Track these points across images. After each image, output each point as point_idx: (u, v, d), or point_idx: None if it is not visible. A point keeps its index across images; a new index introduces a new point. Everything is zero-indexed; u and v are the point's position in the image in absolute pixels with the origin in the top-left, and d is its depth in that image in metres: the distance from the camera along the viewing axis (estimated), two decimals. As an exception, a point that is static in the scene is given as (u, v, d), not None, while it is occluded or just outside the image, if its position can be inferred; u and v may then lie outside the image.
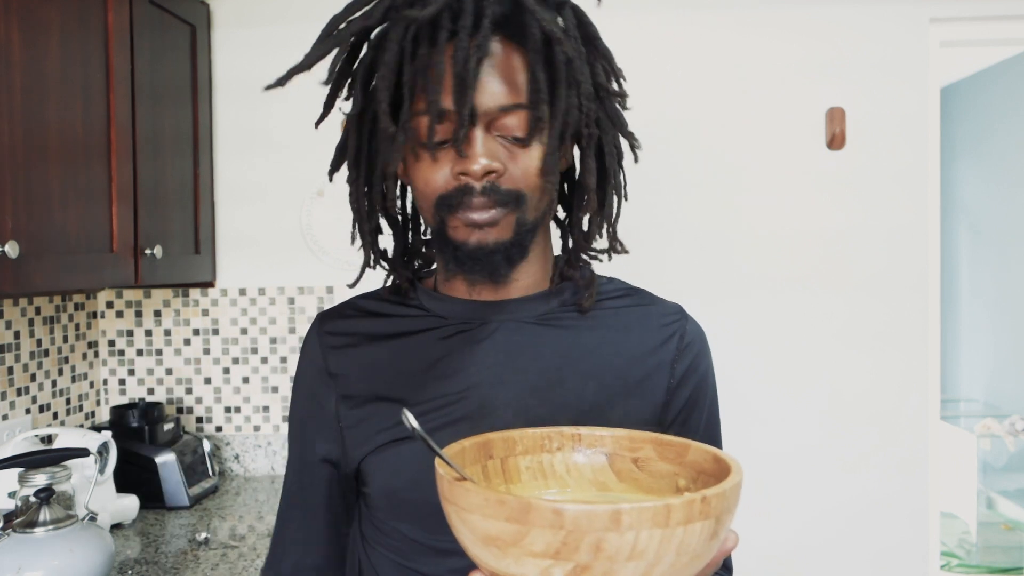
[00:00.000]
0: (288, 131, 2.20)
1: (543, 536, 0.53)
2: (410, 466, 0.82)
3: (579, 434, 0.73)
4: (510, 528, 0.54)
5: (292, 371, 2.23)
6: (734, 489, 0.58)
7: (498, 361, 0.84)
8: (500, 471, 0.70)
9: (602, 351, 0.85)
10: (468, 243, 0.79)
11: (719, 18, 2.14)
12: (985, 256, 4.15)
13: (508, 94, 0.77)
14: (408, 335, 0.88)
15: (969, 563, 3.76)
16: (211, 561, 1.58)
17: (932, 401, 2.16)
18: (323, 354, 0.90)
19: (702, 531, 0.55)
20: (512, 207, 0.78)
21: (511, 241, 0.80)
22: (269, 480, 2.18)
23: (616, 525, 0.52)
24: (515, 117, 0.77)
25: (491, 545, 0.55)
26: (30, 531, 1.35)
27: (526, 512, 0.53)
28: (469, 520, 0.56)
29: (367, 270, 0.95)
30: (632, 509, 0.52)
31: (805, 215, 2.15)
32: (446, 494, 0.59)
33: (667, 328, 0.88)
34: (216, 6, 2.20)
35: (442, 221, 0.80)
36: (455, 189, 0.78)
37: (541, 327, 0.86)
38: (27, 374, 1.95)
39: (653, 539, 0.53)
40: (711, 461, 0.66)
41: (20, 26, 1.44)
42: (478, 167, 0.76)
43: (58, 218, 1.53)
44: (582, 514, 0.52)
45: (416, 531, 0.83)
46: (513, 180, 0.78)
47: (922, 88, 2.12)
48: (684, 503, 0.53)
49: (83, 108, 1.61)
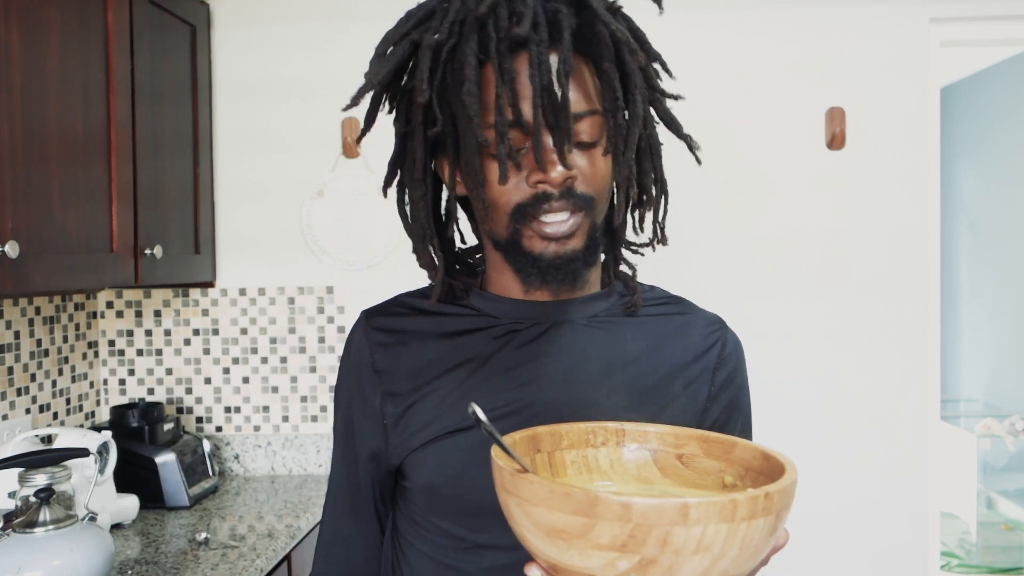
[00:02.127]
0: (288, 131, 2.20)
1: (610, 529, 0.53)
2: (453, 463, 0.83)
3: (623, 430, 0.74)
4: (576, 521, 0.54)
5: (292, 371, 2.23)
6: (792, 486, 0.58)
7: (547, 363, 0.85)
8: (547, 464, 0.71)
9: (646, 357, 0.87)
10: (545, 255, 0.81)
11: (719, 18, 2.14)
12: (985, 256, 4.15)
13: (582, 101, 0.79)
14: (458, 335, 0.89)
15: (969, 563, 3.76)
16: (211, 561, 1.58)
17: (932, 401, 2.16)
18: (370, 351, 0.91)
19: (763, 526, 0.55)
20: (586, 212, 0.80)
21: (585, 247, 0.82)
22: (269, 480, 2.18)
23: (684, 519, 0.52)
24: (586, 123, 0.79)
25: (555, 537, 0.56)
26: (30, 531, 1.34)
27: (594, 505, 0.53)
28: (533, 512, 0.57)
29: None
30: (700, 503, 0.53)
31: (805, 215, 2.15)
32: (508, 486, 0.59)
33: (710, 337, 0.90)
34: (216, 6, 2.20)
35: (517, 231, 0.81)
36: (532, 197, 0.79)
37: (590, 330, 0.87)
38: (27, 374, 1.95)
39: (719, 533, 0.53)
40: (759, 458, 0.67)
41: (20, 26, 1.44)
42: (557, 174, 0.78)
43: (58, 218, 1.53)
44: (651, 508, 0.52)
45: (454, 527, 0.85)
46: (586, 185, 0.80)
47: (922, 88, 2.12)
48: (749, 499, 0.54)
49: (83, 108, 1.61)
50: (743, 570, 0.57)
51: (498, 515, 0.82)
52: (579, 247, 0.81)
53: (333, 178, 2.20)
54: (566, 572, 0.57)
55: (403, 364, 0.89)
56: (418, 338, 0.90)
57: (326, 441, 2.22)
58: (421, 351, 0.89)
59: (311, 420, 2.24)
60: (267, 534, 1.73)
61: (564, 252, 0.81)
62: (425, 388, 0.87)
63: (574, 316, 0.87)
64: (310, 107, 2.19)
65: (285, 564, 1.74)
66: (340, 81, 2.17)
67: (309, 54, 2.19)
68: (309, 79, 2.18)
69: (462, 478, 0.82)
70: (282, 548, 1.70)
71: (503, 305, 0.88)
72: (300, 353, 2.23)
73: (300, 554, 1.81)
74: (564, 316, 0.87)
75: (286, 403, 2.24)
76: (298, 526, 1.79)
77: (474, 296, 0.91)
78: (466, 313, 0.90)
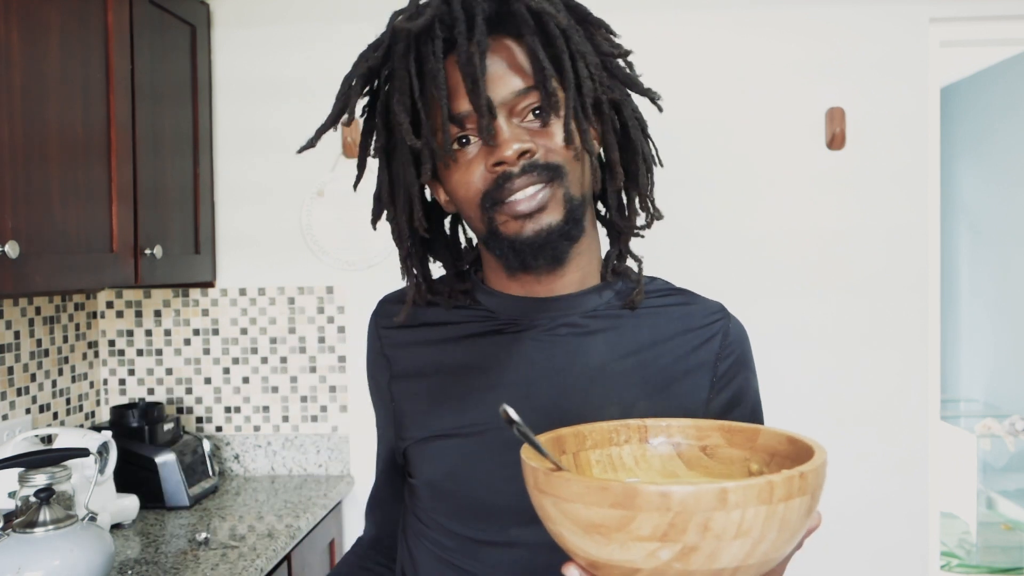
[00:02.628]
0: (288, 131, 2.20)
1: (650, 519, 0.53)
2: (454, 460, 0.85)
3: (645, 426, 0.74)
4: (615, 514, 0.54)
5: (292, 371, 2.24)
6: (823, 466, 0.59)
7: (544, 358, 0.86)
8: (573, 466, 0.71)
9: (647, 349, 0.87)
10: (523, 234, 0.80)
11: (719, 18, 2.14)
12: (985, 256, 4.15)
13: (518, 79, 0.80)
14: (458, 325, 0.90)
15: (969, 563, 3.76)
16: (211, 561, 1.58)
17: (932, 401, 2.16)
18: (378, 335, 0.95)
19: (800, 507, 0.56)
20: (556, 180, 0.80)
21: (564, 219, 0.81)
22: (269, 480, 2.18)
23: (723, 504, 0.53)
24: (531, 98, 0.80)
25: (595, 533, 0.56)
26: (30, 531, 1.34)
27: (632, 497, 0.53)
28: (570, 510, 0.57)
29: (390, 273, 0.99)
30: (738, 487, 0.53)
31: (805, 215, 2.15)
32: (542, 485, 0.59)
33: (710, 327, 0.90)
34: (216, 6, 2.20)
35: (491, 220, 0.81)
36: (494, 181, 0.79)
37: (589, 324, 0.87)
38: (27, 374, 1.95)
39: (759, 516, 0.54)
40: (785, 443, 0.67)
41: (20, 26, 1.44)
42: (511, 152, 0.78)
43: (58, 218, 1.53)
44: (689, 495, 0.53)
45: (456, 525, 0.86)
46: (550, 155, 0.80)
47: (922, 88, 2.12)
48: (785, 479, 0.54)
49: (83, 108, 1.62)
50: (781, 552, 0.57)
51: (499, 514, 0.83)
52: (556, 220, 0.80)
53: (333, 178, 2.20)
54: (606, 568, 0.57)
55: (407, 349, 0.92)
56: (422, 326, 0.92)
57: (326, 441, 2.22)
58: (423, 340, 0.91)
59: (311, 420, 2.24)
60: (267, 534, 1.74)
61: (540, 228, 0.80)
62: (425, 375, 0.90)
63: (571, 311, 0.87)
64: (310, 107, 2.18)
65: (285, 564, 1.74)
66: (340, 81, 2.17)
67: (309, 54, 2.19)
68: (309, 79, 2.18)
69: (462, 476, 0.84)
70: (282, 548, 1.70)
71: (501, 300, 0.89)
72: (300, 353, 2.23)
73: (300, 554, 1.81)
74: (561, 311, 0.87)
75: (286, 403, 2.24)
76: (298, 526, 1.80)
77: (477, 290, 0.92)
78: (471, 306, 0.91)
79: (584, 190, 0.84)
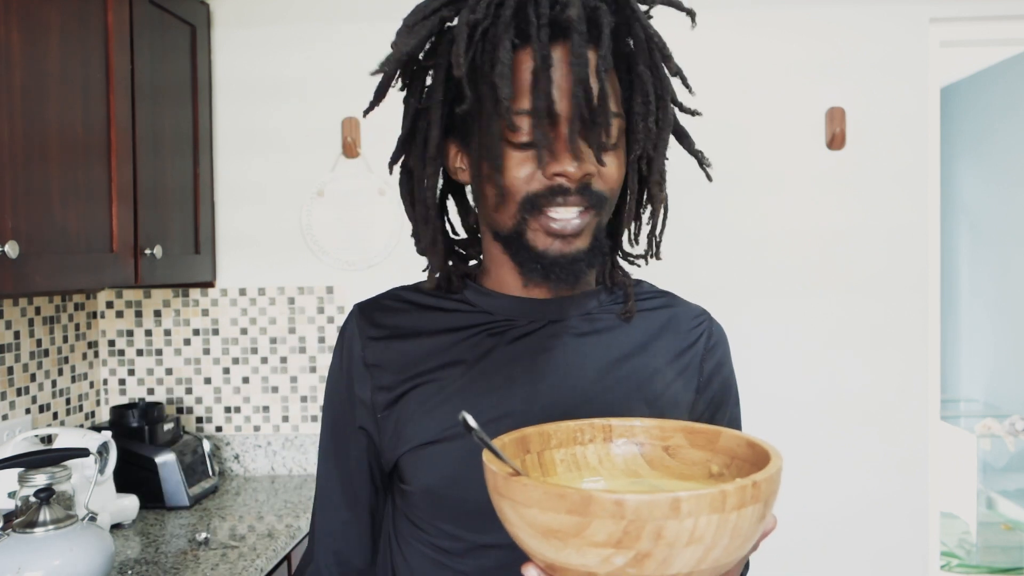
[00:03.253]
0: (288, 131, 2.20)
1: (604, 526, 0.54)
2: (451, 465, 0.83)
3: (610, 425, 0.75)
4: (571, 520, 0.55)
5: (292, 371, 2.23)
6: (778, 474, 0.60)
7: (542, 362, 0.85)
8: (537, 464, 0.72)
9: (638, 353, 0.87)
10: (548, 252, 0.80)
11: (719, 18, 2.14)
12: (985, 256, 4.15)
13: (611, 102, 0.79)
14: (452, 331, 0.88)
15: (969, 563, 3.76)
16: (211, 561, 1.58)
17: (932, 401, 2.16)
18: (362, 344, 0.89)
19: (752, 514, 0.57)
20: (597, 209, 0.80)
21: (590, 248, 0.81)
22: (269, 480, 2.18)
23: (676, 513, 0.54)
24: (612, 127, 0.80)
25: (551, 538, 0.57)
26: (30, 531, 1.35)
27: (587, 504, 0.55)
28: (527, 514, 0.58)
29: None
30: (690, 496, 0.54)
31: (805, 215, 2.15)
32: (501, 489, 0.60)
33: (695, 330, 0.91)
34: (216, 6, 2.20)
35: (523, 221, 0.80)
36: (547, 189, 0.78)
37: (584, 327, 0.87)
38: (27, 374, 1.95)
39: (711, 524, 0.55)
40: (744, 446, 0.69)
41: (20, 26, 1.44)
42: (575, 169, 0.77)
43: (58, 218, 1.53)
44: (643, 503, 0.54)
45: (455, 528, 0.84)
46: (602, 184, 0.80)
47: (922, 88, 2.12)
48: (737, 488, 0.56)
49: (83, 108, 1.61)
50: (734, 557, 0.58)
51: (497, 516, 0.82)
52: (584, 247, 0.81)
53: (333, 178, 2.20)
54: (563, 571, 0.59)
55: (395, 359, 0.88)
56: (411, 333, 0.89)
57: (326, 441, 2.22)
58: (413, 346, 0.88)
59: (311, 420, 2.24)
60: (267, 534, 1.73)
61: (568, 252, 0.80)
62: (417, 382, 0.86)
63: (566, 314, 0.87)
64: (310, 107, 2.19)
65: (285, 564, 1.74)
66: (340, 81, 2.17)
67: (309, 54, 2.19)
68: (309, 79, 2.18)
69: (462, 479, 0.82)
70: (282, 548, 1.70)
71: (498, 301, 0.88)
72: (300, 353, 2.23)
73: (300, 554, 1.81)
74: (559, 314, 0.87)
75: (286, 403, 2.24)
76: (298, 526, 1.79)
77: (469, 291, 0.90)
78: (461, 308, 0.89)
79: (608, 217, 0.85)
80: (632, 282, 0.92)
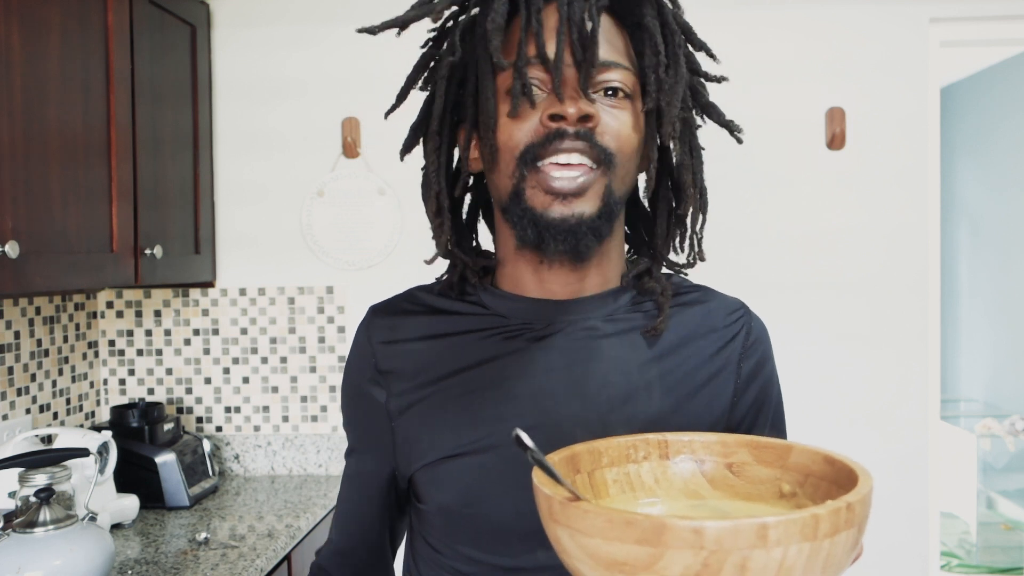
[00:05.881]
0: (288, 131, 2.20)
1: (681, 558, 0.48)
2: (468, 483, 0.78)
3: (666, 441, 0.68)
4: (641, 551, 0.49)
5: (292, 371, 2.23)
6: (870, 494, 0.54)
7: (560, 366, 0.79)
8: (588, 485, 0.65)
9: (667, 354, 0.81)
10: (549, 212, 0.73)
11: (720, 18, 2.14)
12: (985, 256, 4.15)
13: (612, 52, 0.76)
14: (466, 334, 0.82)
15: (969, 563, 3.76)
16: (211, 561, 1.58)
17: (932, 401, 2.16)
18: (373, 349, 0.85)
19: (846, 541, 0.51)
20: (603, 167, 0.74)
21: (598, 212, 0.74)
22: (269, 480, 2.18)
23: (763, 541, 0.48)
24: (616, 73, 0.75)
25: (616, 571, 0.51)
26: (30, 531, 1.34)
27: (660, 533, 0.48)
28: (589, 544, 0.51)
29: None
30: (779, 522, 0.48)
31: (805, 215, 2.15)
32: (557, 516, 0.54)
33: (732, 326, 0.84)
34: (216, 6, 2.20)
35: (522, 178, 0.74)
36: (544, 135, 0.73)
37: (606, 328, 0.81)
38: (27, 374, 1.95)
39: (802, 554, 0.49)
40: (821, 463, 0.62)
41: (20, 26, 1.44)
42: (574, 109, 0.72)
43: (58, 218, 1.53)
44: (725, 531, 0.48)
45: (475, 551, 0.79)
46: (608, 138, 0.74)
47: (922, 88, 2.12)
48: (831, 512, 0.49)
49: (83, 108, 1.61)
50: None
51: (522, 537, 0.75)
52: (589, 211, 0.74)
53: (333, 178, 2.20)
54: None
55: (408, 364, 0.83)
56: (425, 338, 0.84)
57: (326, 441, 2.22)
58: (427, 351, 0.83)
59: (311, 420, 2.24)
60: (267, 534, 1.73)
61: (570, 215, 0.73)
62: (430, 390, 0.81)
63: (587, 315, 0.80)
64: (310, 107, 2.19)
65: (285, 564, 1.74)
66: (340, 81, 2.17)
67: (309, 54, 2.19)
68: (309, 79, 2.18)
69: (480, 498, 0.77)
70: (282, 548, 1.70)
71: (513, 303, 0.82)
72: (300, 353, 2.23)
73: (300, 554, 1.81)
74: (576, 315, 0.80)
75: (286, 403, 2.24)
76: (298, 526, 1.79)
77: (484, 292, 0.84)
78: (476, 312, 0.83)
79: (625, 188, 0.78)
80: (668, 294, 0.83)
